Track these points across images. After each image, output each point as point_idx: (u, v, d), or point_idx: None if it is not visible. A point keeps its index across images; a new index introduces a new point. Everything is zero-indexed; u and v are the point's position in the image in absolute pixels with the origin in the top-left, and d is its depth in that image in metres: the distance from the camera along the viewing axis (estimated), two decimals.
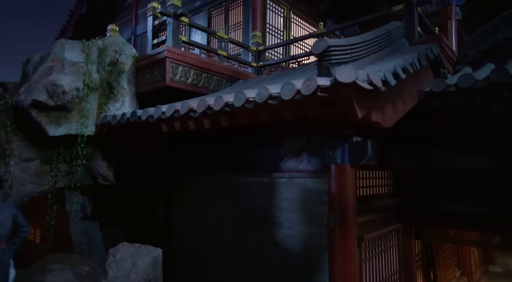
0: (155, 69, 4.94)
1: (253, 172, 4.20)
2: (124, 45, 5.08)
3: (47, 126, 3.97)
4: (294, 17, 8.49)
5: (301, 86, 2.51)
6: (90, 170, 4.82)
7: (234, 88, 4.80)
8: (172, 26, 5.11)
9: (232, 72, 5.70)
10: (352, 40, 3.04)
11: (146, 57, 5.05)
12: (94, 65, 4.59)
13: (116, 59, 4.96)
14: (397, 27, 4.02)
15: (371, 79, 2.36)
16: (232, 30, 7.93)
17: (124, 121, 4.23)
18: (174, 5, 5.15)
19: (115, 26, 6.42)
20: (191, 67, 5.08)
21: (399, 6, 4.87)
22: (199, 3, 8.63)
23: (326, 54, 2.70)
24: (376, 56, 3.45)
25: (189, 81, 5.06)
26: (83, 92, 4.26)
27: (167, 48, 4.71)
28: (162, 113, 3.72)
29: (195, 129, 3.59)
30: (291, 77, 4.25)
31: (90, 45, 4.57)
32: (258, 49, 6.58)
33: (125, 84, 5.03)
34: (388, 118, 2.81)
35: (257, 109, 2.92)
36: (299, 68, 4.90)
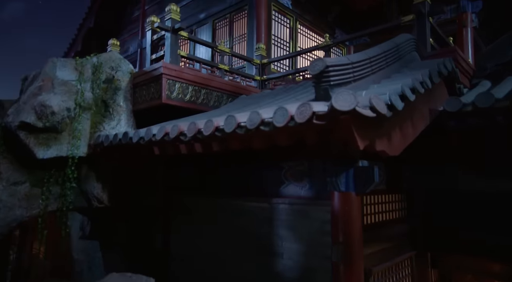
0: (152, 86, 4.74)
1: (252, 196, 3.91)
2: (120, 61, 4.92)
3: (35, 149, 3.80)
4: (300, 28, 8.25)
5: (295, 113, 2.23)
6: (84, 191, 4.62)
7: (234, 106, 4.55)
8: (170, 41, 4.93)
9: (233, 87, 5.47)
10: (355, 58, 2.75)
11: (143, 74, 4.87)
12: (88, 83, 4.43)
13: (112, 76, 4.79)
14: (407, 41, 3.71)
15: (374, 105, 2.06)
16: (236, 42, 7.74)
17: (116, 143, 4.02)
18: (173, 19, 4.97)
19: (115, 40, 6.30)
20: (189, 84, 4.86)
21: (409, 17, 4.55)
22: (203, 15, 8.50)
23: (324, 74, 2.42)
24: (382, 73, 3.14)
25: (187, 98, 4.84)
26: (74, 112, 4.09)
27: (163, 65, 4.52)
28: (153, 135, 3.49)
29: (187, 153, 3.34)
30: (292, 94, 3.97)
31: (84, 63, 4.41)
32: (261, 62, 6.34)
33: (122, 102, 4.85)
34: (395, 145, 2.50)
35: (249, 135, 2.65)
36: (303, 84, 4.62)
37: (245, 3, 7.47)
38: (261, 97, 4.72)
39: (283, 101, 3.51)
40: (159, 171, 4.63)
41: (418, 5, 4.39)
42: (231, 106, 4.64)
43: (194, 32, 8.73)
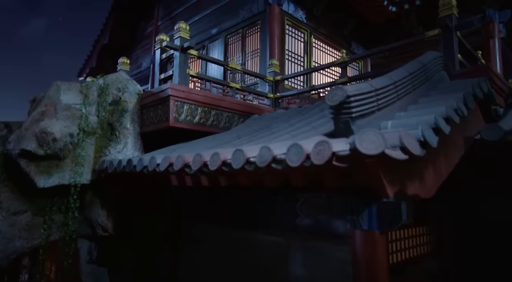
0: (159, 108, 4.53)
1: (264, 229, 3.59)
2: (127, 82, 4.74)
3: (36, 178, 3.61)
4: (315, 42, 7.98)
5: (312, 152, 1.92)
6: (88, 219, 4.41)
7: (245, 129, 4.27)
8: (179, 60, 4.73)
9: (245, 107, 5.20)
10: (379, 83, 2.43)
11: (150, 95, 4.68)
12: (93, 106, 4.25)
13: (118, 98, 4.62)
14: (434, 59, 3.37)
15: (405, 145, 1.73)
16: (249, 58, 7.52)
17: (120, 170, 3.80)
18: (181, 38, 4.78)
19: (125, 59, 6.18)
20: (199, 105, 4.63)
21: (434, 31, 4.21)
22: (215, 30, 8.35)
23: (344, 106, 2.11)
24: (409, 98, 2.81)
25: (196, 120, 4.60)
26: (78, 137, 3.90)
27: (170, 86, 4.30)
28: (157, 165, 3.24)
29: (193, 185, 3.07)
30: (307, 119, 3.66)
31: (89, 86, 4.24)
32: (275, 79, 6.07)
33: (128, 124, 4.65)
34: (429, 186, 2.15)
35: (259, 173, 2.35)
36: (319, 105, 4.31)
37: (258, 17, 7.27)
38: (274, 119, 4.43)
39: (297, 128, 3.21)
40: (167, 197, 4.38)
41: (445, 18, 4.05)
42: (242, 129, 4.36)
43: (206, 47, 8.59)
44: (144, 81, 11.17)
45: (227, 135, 4.04)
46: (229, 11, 8.04)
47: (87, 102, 4.16)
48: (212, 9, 8.55)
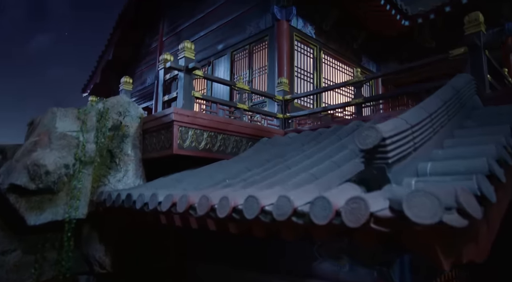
0: (162, 134, 4.22)
1: (277, 272, 3.21)
2: (129, 105, 4.45)
3: (26, 214, 3.29)
4: (325, 57, 7.69)
5: (343, 210, 1.58)
6: (85, 254, 4.06)
7: (255, 157, 3.93)
8: (184, 82, 4.44)
9: (253, 130, 4.88)
10: (414, 117, 2.09)
11: (153, 119, 4.38)
12: (92, 133, 3.95)
13: (119, 122, 4.32)
14: (467, 83, 3.02)
15: (464, 207, 1.38)
16: (256, 75, 7.24)
17: (119, 204, 3.46)
18: (186, 58, 4.50)
19: (128, 78, 5.93)
20: (204, 129, 4.31)
21: (459, 49, 3.87)
22: (221, 46, 8.11)
23: (379, 150, 1.76)
24: (444, 131, 2.45)
25: (202, 146, 4.28)
26: (74, 168, 3.59)
27: (174, 111, 4.00)
28: (159, 204, 2.90)
29: (199, 228, 2.72)
30: (324, 148, 3.32)
31: (87, 111, 3.96)
32: (284, 98, 5.76)
33: (130, 150, 4.34)
34: (483, 246, 1.78)
35: (276, 225, 2.00)
36: (335, 131, 3.97)
37: (266, 33, 7.02)
38: (286, 145, 4.09)
39: (315, 162, 2.86)
40: (171, 234, 4.03)
41: (472, 36, 3.72)
42: (252, 157, 4.02)
43: (211, 64, 8.35)
44: (148, 97, 10.96)
45: (236, 165, 3.70)
46: (235, 27, 7.81)
47: (85, 129, 3.86)
48: (218, 24, 8.34)
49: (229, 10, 8.06)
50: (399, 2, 7.03)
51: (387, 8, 6.91)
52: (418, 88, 4.34)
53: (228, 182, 3.10)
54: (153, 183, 4.02)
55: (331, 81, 7.76)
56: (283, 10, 6.68)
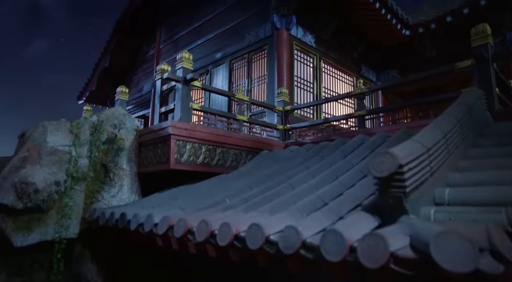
0: (159, 147, 4.06)
1: None
2: (124, 117, 4.29)
3: (13, 236, 3.10)
4: (325, 66, 7.59)
5: (359, 247, 1.42)
6: (76, 274, 3.86)
7: (256, 173, 3.77)
8: (181, 93, 4.29)
9: (253, 142, 4.73)
10: (429, 139, 1.95)
11: (149, 132, 4.21)
12: (85, 147, 3.78)
13: (114, 135, 4.16)
14: (478, 99, 2.90)
15: (499, 249, 1.23)
16: (255, 84, 7.11)
17: (112, 224, 3.28)
18: (184, 69, 4.36)
19: (124, 88, 5.77)
20: (203, 143, 4.16)
21: (466, 62, 3.76)
22: (219, 54, 7.99)
23: (395, 177, 1.61)
24: (459, 152, 2.31)
25: (200, 160, 4.12)
26: (65, 185, 3.41)
27: (171, 124, 3.84)
28: (154, 226, 2.73)
29: (197, 254, 2.55)
30: (329, 165, 3.17)
31: (80, 124, 3.79)
32: (284, 109, 5.62)
33: (125, 164, 4.17)
34: None
35: (282, 256, 1.84)
36: (339, 146, 3.82)
37: (265, 42, 6.91)
38: (288, 160, 3.93)
39: (321, 182, 2.71)
40: (168, 256, 3.84)
41: (480, 48, 3.61)
42: (252, 172, 3.85)
43: (209, 72, 8.22)
44: (145, 105, 10.80)
45: (236, 182, 3.54)
46: (234, 36, 7.70)
47: (78, 143, 3.69)
48: (216, 33, 8.23)
49: (228, 18, 7.96)
50: (400, 12, 6.97)
51: (388, 17, 6.84)
52: (423, 101, 4.22)
53: (229, 202, 2.94)
54: (148, 199, 3.84)
55: (331, 91, 7.65)
56: (283, 19, 6.58)
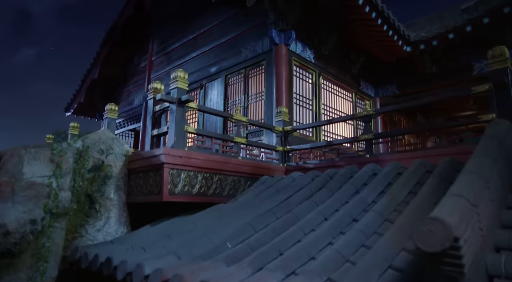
0: (150, 176, 3.69)
1: None
2: (113, 142, 3.92)
3: None
4: (324, 82, 7.34)
5: None
6: None
7: (258, 205, 3.42)
8: (176, 116, 3.94)
9: (253, 168, 4.40)
10: (474, 192, 1.64)
11: (140, 158, 3.85)
12: (68, 176, 3.39)
13: (101, 162, 3.78)
14: (508, 131, 2.62)
15: None
16: (252, 101, 6.80)
17: (96, 268, 2.89)
18: (179, 89, 4.02)
19: (113, 105, 5.38)
20: (199, 171, 3.80)
21: (483, 86, 3.52)
22: (214, 68, 7.68)
23: (450, 253, 1.29)
24: (499, 199, 2.01)
25: (196, 190, 3.76)
26: (42, 223, 3.01)
27: (164, 151, 3.48)
28: (145, 278, 2.36)
29: None
30: (344, 205, 2.85)
31: (63, 152, 3.40)
32: (284, 129, 5.31)
33: (112, 193, 3.79)
34: None
35: None
36: (349, 176, 3.51)
37: (263, 58, 6.63)
38: (292, 190, 3.59)
39: (336, 226, 2.39)
40: None
41: (499, 73, 3.37)
42: (254, 205, 3.50)
43: (204, 87, 7.89)
44: (136, 119, 10.39)
45: (236, 218, 3.18)
46: (230, 50, 7.41)
47: (60, 173, 3.30)
48: (211, 46, 7.94)
49: (223, 31, 7.69)
50: (401, 28, 6.79)
51: (390, 34, 6.65)
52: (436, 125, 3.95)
53: (230, 247, 2.58)
54: (139, 234, 3.45)
55: (331, 107, 7.39)
56: (282, 34, 6.33)
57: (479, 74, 7.41)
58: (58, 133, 22.95)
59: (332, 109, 7.41)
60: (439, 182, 2.67)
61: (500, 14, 6.22)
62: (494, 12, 6.24)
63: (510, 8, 6.03)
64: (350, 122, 7.91)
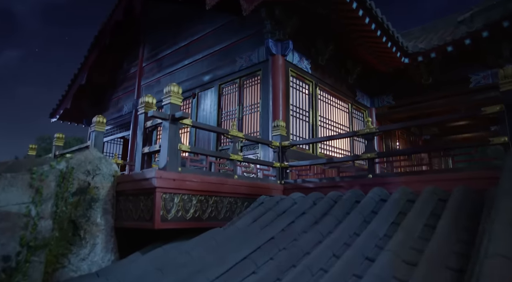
0: (141, 200, 3.41)
1: None
2: (100, 161, 3.63)
3: None
4: (320, 93, 7.16)
5: None
6: None
7: (258, 232, 3.17)
8: (169, 133, 3.67)
9: (250, 188, 4.15)
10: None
11: (130, 180, 3.56)
12: (49, 202, 3.09)
13: (87, 184, 3.48)
14: None
15: None
16: (247, 112, 6.57)
17: None
18: (172, 105, 3.75)
19: (102, 117, 5.08)
20: (194, 194, 3.54)
21: (494, 107, 3.36)
22: (208, 77, 7.43)
23: None
24: None
25: (190, 215, 3.49)
26: (17, 258, 2.70)
27: (157, 175, 3.21)
28: None
29: None
30: (353, 238, 2.63)
31: (44, 176, 3.10)
32: (282, 144, 5.09)
33: (99, 218, 3.50)
34: None
35: None
36: (354, 202, 3.30)
37: (258, 68, 6.41)
38: (293, 216, 3.35)
39: (347, 263, 2.16)
40: None
41: (510, 93, 3.21)
42: (253, 232, 3.24)
43: (196, 96, 7.63)
44: (125, 127, 10.04)
45: (234, 249, 2.92)
46: (224, 58, 7.17)
47: (40, 199, 3.00)
48: (205, 54, 7.68)
49: (218, 39, 7.45)
50: (400, 40, 6.66)
51: (389, 45, 6.51)
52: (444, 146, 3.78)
53: None
54: (127, 266, 3.15)
55: (327, 119, 7.21)
56: (279, 44, 6.12)
57: (477, 86, 7.35)
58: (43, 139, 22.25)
59: (328, 120, 7.23)
60: (456, 215, 2.47)
61: (499, 27, 6.15)
62: (493, 26, 6.17)
63: (509, 22, 5.96)
64: (346, 130, 7.74)
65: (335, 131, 7.34)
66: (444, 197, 2.90)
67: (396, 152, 5.30)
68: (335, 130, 7.35)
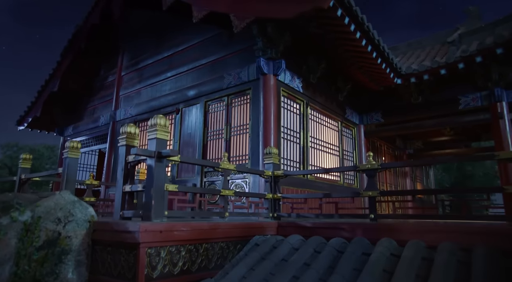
0: (122, 254, 2.97)
1: None
2: (74, 206, 3.15)
3: None
4: (311, 113, 6.88)
5: None
6: None
7: (251, 279, 2.81)
8: (154, 173, 3.24)
9: (243, 229, 3.78)
10: None
11: (109, 230, 3.10)
12: (7, 264, 2.60)
13: (57, 234, 3.00)
14: None
15: None
16: (235, 133, 6.19)
17: None
18: (158, 141, 3.33)
19: (76, 143, 4.55)
20: (183, 244, 3.14)
21: (509, 153, 3.16)
22: (193, 92, 6.98)
23: None
24: None
25: (178, 268, 3.08)
26: None
27: (141, 229, 2.78)
28: None
29: None
30: None
31: (3, 232, 2.60)
32: (274, 174, 4.75)
33: (70, 272, 3.03)
34: None
35: None
36: (361, 254, 3.00)
37: (248, 86, 6.05)
38: (294, 267, 3.02)
39: None
40: None
41: None
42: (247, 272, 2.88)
43: (180, 112, 7.16)
44: (101, 139, 9.40)
45: None
46: (211, 73, 6.77)
47: None
48: (190, 67, 7.24)
49: (204, 52, 7.02)
50: (394, 61, 6.49)
51: (383, 67, 6.32)
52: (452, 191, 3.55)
53: None
54: None
55: (317, 139, 6.95)
56: (270, 63, 5.79)
57: (466, 108, 7.31)
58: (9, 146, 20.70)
59: (319, 140, 6.97)
60: None
61: (492, 54, 6.10)
62: (487, 52, 6.10)
63: (503, 49, 5.91)
64: (336, 153, 7.52)
65: (325, 152, 7.10)
66: (463, 259, 2.64)
67: (401, 192, 5.08)
68: (325, 150, 7.11)
